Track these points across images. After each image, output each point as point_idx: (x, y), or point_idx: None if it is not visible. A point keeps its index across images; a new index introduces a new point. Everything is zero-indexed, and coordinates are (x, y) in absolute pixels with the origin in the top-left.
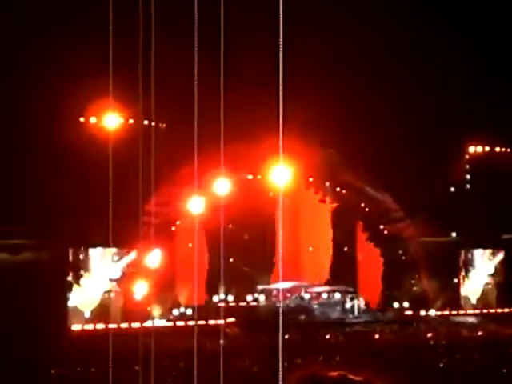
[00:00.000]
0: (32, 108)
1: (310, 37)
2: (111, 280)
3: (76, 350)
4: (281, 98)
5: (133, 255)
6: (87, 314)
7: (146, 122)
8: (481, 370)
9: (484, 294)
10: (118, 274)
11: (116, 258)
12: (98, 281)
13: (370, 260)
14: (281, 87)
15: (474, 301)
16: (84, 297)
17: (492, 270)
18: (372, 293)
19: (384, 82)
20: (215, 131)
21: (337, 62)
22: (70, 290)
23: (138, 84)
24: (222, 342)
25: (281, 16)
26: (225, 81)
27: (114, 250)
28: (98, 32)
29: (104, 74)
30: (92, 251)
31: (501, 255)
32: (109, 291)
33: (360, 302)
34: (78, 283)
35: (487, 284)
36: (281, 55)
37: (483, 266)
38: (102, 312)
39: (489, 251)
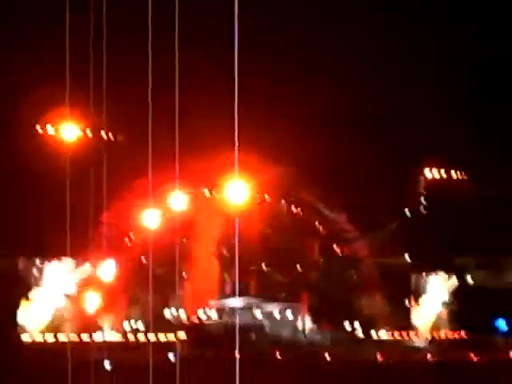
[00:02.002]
0: None
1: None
2: (65, 295)
3: (26, 363)
4: (236, 115)
5: (86, 267)
6: (35, 332)
7: (103, 134)
8: None
9: (436, 318)
10: (71, 289)
11: (69, 271)
12: (50, 296)
13: (322, 279)
14: (236, 103)
15: (425, 324)
16: (34, 313)
17: (445, 297)
18: (323, 312)
19: (346, 98)
20: (172, 145)
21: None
22: (18, 305)
23: (95, 95)
24: (172, 357)
25: (236, 32)
26: (181, 95)
27: (67, 262)
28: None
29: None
30: (45, 264)
31: (454, 281)
32: (60, 308)
33: (311, 322)
34: (27, 298)
35: (439, 309)
36: (236, 68)
37: (436, 291)
38: (52, 326)
39: (442, 277)
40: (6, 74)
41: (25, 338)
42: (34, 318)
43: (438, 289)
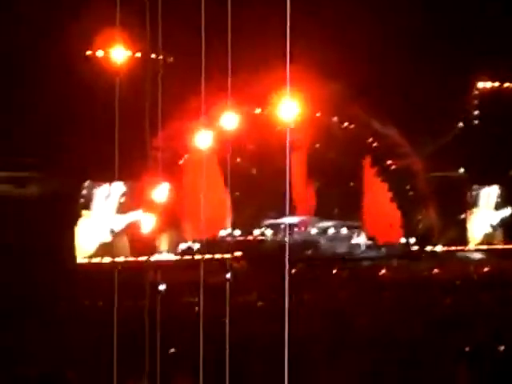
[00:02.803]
0: (37, 42)
1: None
2: (120, 218)
3: (83, 283)
4: (288, 31)
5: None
6: (91, 250)
7: (153, 56)
8: (484, 309)
9: (492, 231)
10: (127, 212)
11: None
12: (106, 218)
13: (377, 196)
14: (288, 21)
15: (480, 236)
16: (90, 236)
17: (501, 210)
18: (379, 228)
19: (392, 15)
20: (222, 65)
21: None
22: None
23: (144, 16)
24: (228, 276)
25: None
26: (232, 14)
27: (123, 185)
28: None
29: (111, 5)
30: (101, 186)
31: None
32: (117, 230)
33: (366, 238)
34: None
35: (496, 222)
36: None
37: (492, 204)
38: (107, 247)
39: (498, 190)
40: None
41: (81, 259)
42: (90, 240)
43: (493, 202)
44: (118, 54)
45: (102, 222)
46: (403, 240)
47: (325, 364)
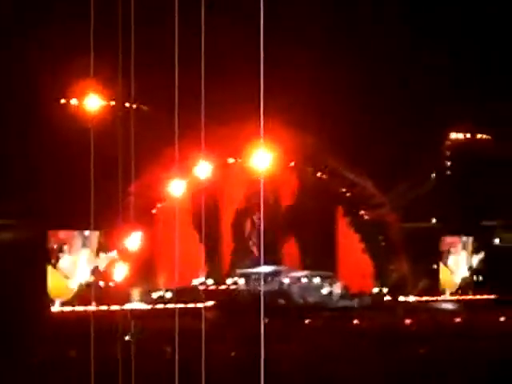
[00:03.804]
0: (12, 87)
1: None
2: (93, 267)
3: (56, 332)
4: (261, 83)
5: (114, 239)
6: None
7: (127, 105)
8: (460, 356)
9: (464, 281)
10: (100, 261)
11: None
12: (78, 267)
13: (350, 245)
14: (261, 72)
15: (454, 287)
16: (59, 283)
17: (473, 260)
18: (351, 278)
19: (365, 68)
20: (197, 115)
21: (317, 48)
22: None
23: (119, 66)
24: (202, 325)
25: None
26: (206, 65)
27: (95, 235)
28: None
29: (85, 55)
30: (74, 235)
31: (482, 244)
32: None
33: (339, 288)
34: (54, 267)
35: (467, 272)
36: (261, 40)
37: (464, 254)
38: (80, 297)
39: (470, 240)
40: (30, 48)
41: (53, 308)
42: (63, 290)
43: (465, 252)
44: (93, 102)
45: (75, 270)
46: (376, 290)
47: None
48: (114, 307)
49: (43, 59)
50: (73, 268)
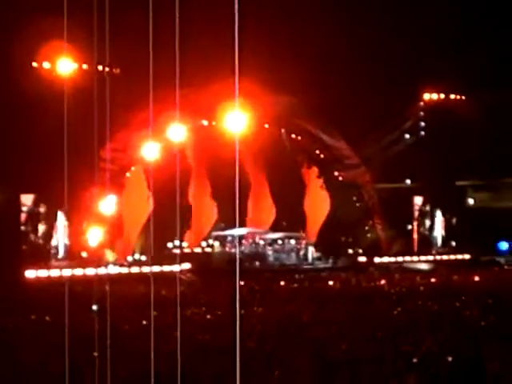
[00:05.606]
0: None
1: None
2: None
3: (30, 297)
4: (236, 42)
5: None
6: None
7: (100, 67)
8: (434, 317)
9: (439, 242)
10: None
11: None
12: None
13: (324, 207)
14: (236, 30)
15: (428, 248)
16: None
17: (447, 221)
18: (326, 240)
19: (342, 30)
20: (170, 76)
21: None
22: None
23: (92, 28)
24: (178, 288)
25: None
26: (180, 24)
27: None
28: None
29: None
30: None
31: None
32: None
33: (314, 249)
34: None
35: (442, 233)
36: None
37: (438, 215)
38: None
39: (444, 200)
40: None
41: (28, 273)
42: (39, 254)
43: (439, 213)
44: (65, 65)
45: (50, 234)
46: (350, 251)
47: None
48: (89, 271)
49: (14, 21)
50: (51, 232)
